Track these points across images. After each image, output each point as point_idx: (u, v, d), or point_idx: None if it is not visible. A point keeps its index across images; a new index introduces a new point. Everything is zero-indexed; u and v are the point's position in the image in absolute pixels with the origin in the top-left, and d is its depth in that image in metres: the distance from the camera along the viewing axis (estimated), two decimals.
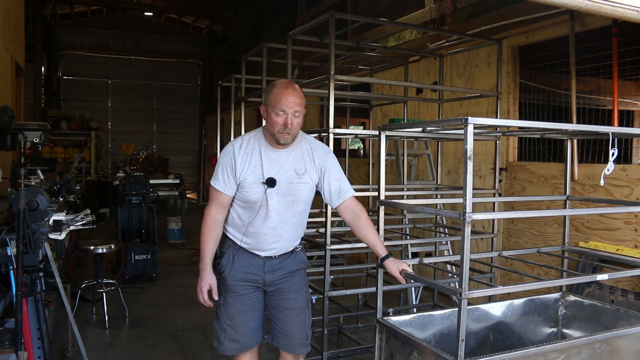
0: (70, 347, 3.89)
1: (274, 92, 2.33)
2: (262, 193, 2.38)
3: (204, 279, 2.46)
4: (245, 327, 2.52)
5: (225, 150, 2.45)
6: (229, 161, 2.40)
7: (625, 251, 3.57)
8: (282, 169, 2.40)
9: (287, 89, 2.33)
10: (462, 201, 1.92)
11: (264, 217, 2.42)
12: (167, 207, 11.12)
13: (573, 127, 2.50)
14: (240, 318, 2.51)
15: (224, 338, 2.54)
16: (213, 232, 2.46)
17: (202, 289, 2.45)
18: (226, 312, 2.52)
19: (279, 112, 2.30)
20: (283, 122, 2.30)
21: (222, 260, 2.54)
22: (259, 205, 2.40)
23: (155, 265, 6.12)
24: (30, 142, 3.61)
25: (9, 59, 5.89)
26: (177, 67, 16.48)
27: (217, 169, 2.44)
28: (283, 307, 2.53)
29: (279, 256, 2.51)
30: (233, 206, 2.49)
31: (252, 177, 2.38)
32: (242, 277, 2.50)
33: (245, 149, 2.41)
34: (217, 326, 2.57)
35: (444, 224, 4.79)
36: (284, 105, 2.29)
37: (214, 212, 2.46)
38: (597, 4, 2.29)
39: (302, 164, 2.44)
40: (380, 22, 6.38)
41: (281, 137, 2.33)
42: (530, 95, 4.92)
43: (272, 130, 2.35)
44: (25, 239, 2.88)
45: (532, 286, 2.43)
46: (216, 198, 2.45)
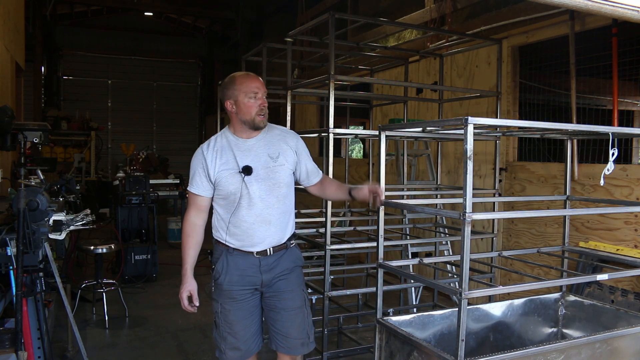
0: (70, 347, 3.89)
1: (238, 81, 2.42)
2: (240, 182, 2.41)
3: (184, 284, 2.49)
4: (246, 334, 2.48)
5: (195, 155, 2.51)
6: (199, 162, 2.46)
7: (625, 251, 3.57)
8: (255, 156, 2.45)
9: (251, 76, 2.46)
10: (462, 201, 1.92)
11: (247, 205, 2.42)
12: (167, 207, 11.11)
13: (573, 127, 2.50)
14: (239, 324, 2.47)
15: (225, 347, 2.49)
16: (192, 238, 2.49)
17: (182, 295, 2.48)
18: (225, 319, 2.48)
19: (251, 96, 2.40)
20: (259, 103, 2.41)
21: (217, 266, 2.51)
22: (239, 195, 2.41)
23: (155, 265, 6.12)
24: (30, 142, 3.61)
25: (9, 59, 5.89)
26: (177, 67, 16.47)
27: (190, 172, 2.49)
28: (281, 308, 2.50)
29: (274, 252, 2.48)
30: (215, 208, 2.51)
31: (226, 170, 2.42)
32: (239, 280, 2.47)
33: (213, 148, 2.46)
34: (217, 335, 2.53)
35: (444, 224, 4.78)
36: (254, 88, 2.40)
37: (192, 216, 2.49)
38: (597, 4, 2.29)
39: (275, 148, 2.49)
40: (380, 22, 6.39)
41: (260, 119, 2.42)
42: (530, 95, 4.92)
43: (247, 117, 2.41)
44: (25, 239, 2.88)
45: (532, 286, 2.43)
46: (193, 202, 2.49)
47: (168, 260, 7.17)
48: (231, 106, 2.44)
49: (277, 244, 2.49)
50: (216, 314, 2.52)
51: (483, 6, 5.17)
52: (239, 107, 2.41)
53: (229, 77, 2.51)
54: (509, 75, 4.74)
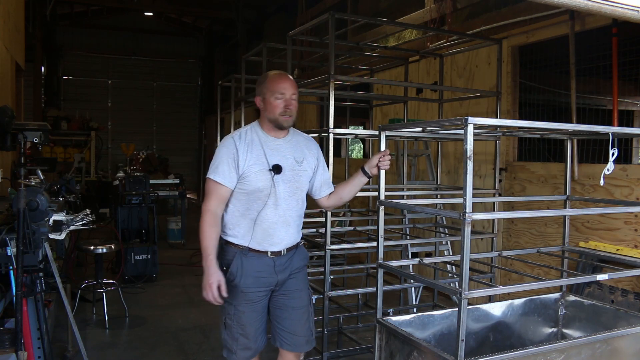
0: (70, 347, 3.89)
1: (269, 79, 2.43)
2: (269, 180, 2.39)
3: (212, 275, 2.34)
4: (257, 333, 2.48)
5: (225, 143, 2.42)
6: (230, 152, 2.38)
7: (625, 251, 3.57)
8: (283, 157, 2.44)
9: (282, 75, 2.45)
10: (462, 201, 1.92)
11: (273, 205, 2.41)
12: (167, 207, 11.11)
13: (573, 127, 2.50)
14: (252, 326, 2.46)
15: (236, 347, 2.46)
16: (214, 228, 2.38)
17: (212, 285, 2.33)
18: (238, 321, 2.44)
19: (278, 96, 2.39)
20: (284, 104, 2.39)
21: (231, 268, 2.43)
22: (267, 193, 2.39)
23: (155, 265, 6.12)
24: (30, 142, 3.60)
25: (9, 59, 5.89)
26: (177, 67, 16.48)
27: (216, 161, 2.39)
28: (290, 307, 2.51)
29: (287, 252, 2.48)
30: (233, 205, 2.43)
31: (256, 165, 2.38)
32: (255, 282, 2.43)
33: (245, 140, 2.41)
34: (228, 336, 2.48)
35: (444, 224, 4.78)
36: (282, 88, 2.39)
37: (214, 207, 2.39)
38: (597, 4, 2.29)
39: (300, 152, 2.51)
40: (380, 22, 6.39)
41: (283, 119, 2.41)
42: (530, 95, 4.92)
43: (272, 116, 2.41)
44: (25, 239, 2.88)
45: (532, 286, 2.43)
46: (216, 192, 2.39)
47: (168, 260, 7.18)
48: (260, 103, 2.45)
49: (291, 245, 2.51)
50: (228, 315, 2.46)
51: (483, 6, 5.17)
52: (266, 104, 2.42)
53: (264, 74, 2.52)
54: (509, 75, 4.74)
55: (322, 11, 7.86)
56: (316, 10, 8.55)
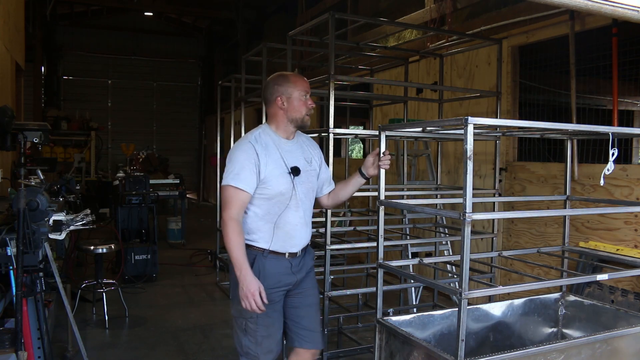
0: (70, 347, 3.89)
1: (293, 80, 2.43)
2: (290, 183, 2.38)
3: (251, 283, 2.26)
4: (278, 334, 2.48)
5: (243, 147, 2.37)
6: (251, 157, 2.33)
7: (625, 251, 3.57)
8: (296, 158, 2.45)
9: (301, 76, 2.50)
10: (462, 201, 1.92)
11: (295, 207, 2.42)
12: (167, 207, 11.12)
13: (573, 127, 2.50)
14: (275, 327, 2.45)
15: (260, 352, 2.41)
16: (241, 236, 2.32)
17: (255, 294, 2.24)
18: (262, 323, 2.40)
19: (304, 97, 2.42)
20: (309, 105, 2.44)
21: (253, 270, 2.36)
22: (288, 197, 2.38)
23: (155, 265, 6.12)
24: (30, 142, 3.60)
25: (9, 59, 5.89)
26: (177, 67, 16.48)
27: (236, 167, 2.32)
28: (307, 305, 2.53)
29: (300, 252, 2.49)
30: (252, 211, 2.39)
31: (277, 169, 2.36)
32: (275, 284, 2.42)
33: (261, 143, 2.38)
34: (249, 342, 2.41)
35: (444, 224, 4.78)
36: (305, 88, 2.43)
37: (236, 214, 2.32)
38: (597, 4, 2.29)
39: (308, 152, 2.54)
40: (380, 22, 6.39)
41: (307, 119, 2.45)
42: (530, 95, 4.92)
43: (298, 115, 2.42)
44: (25, 239, 2.88)
45: (532, 286, 2.43)
46: (238, 199, 2.31)
47: (168, 260, 7.18)
48: (282, 102, 2.40)
49: (305, 245, 2.54)
50: (250, 320, 2.39)
51: (483, 6, 5.17)
52: (291, 103, 2.40)
53: (278, 75, 2.48)
54: (509, 75, 4.74)
55: (322, 11, 7.86)
56: (316, 10, 8.55)
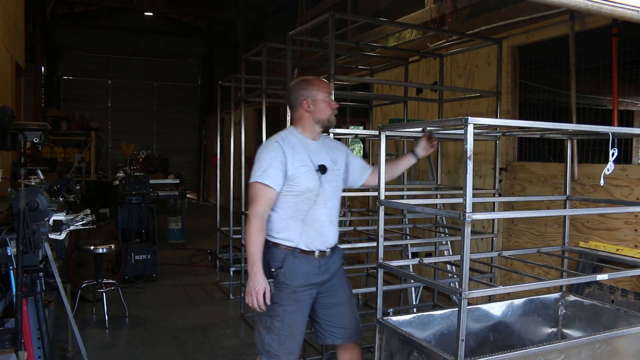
0: (70, 347, 3.89)
1: (316, 84, 2.55)
2: (317, 180, 2.48)
3: (259, 282, 2.33)
4: (301, 336, 2.52)
5: (270, 147, 2.47)
6: (277, 156, 2.42)
7: (625, 251, 3.57)
8: (322, 158, 2.54)
9: (323, 80, 2.65)
10: (462, 201, 1.92)
11: (323, 204, 2.50)
12: (167, 207, 11.12)
13: (573, 127, 2.50)
14: (299, 327, 2.49)
15: (282, 351, 2.45)
16: (262, 233, 2.40)
17: (259, 292, 2.33)
18: (287, 322, 2.44)
19: (328, 97, 2.55)
20: (333, 105, 2.57)
21: (283, 269, 2.43)
22: (316, 193, 2.47)
23: (155, 265, 6.12)
24: (30, 142, 3.60)
25: (9, 59, 5.89)
26: (177, 67, 16.48)
27: (263, 165, 2.41)
28: (337, 304, 2.59)
29: (329, 252, 2.56)
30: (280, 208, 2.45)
31: (304, 167, 2.46)
32: (304, 282, 2.47)
33: (288, 143, 2.48)
34: (272, 340, 2.45)
35: (444, 224, 4.78)
36: (329, 90, 2.59)
37: (262, 211, 2.39)
38: (597, 4, 2.29)
39: (333, 153, 2.63)
40: (380, 22, 6.39)
41: (333, 118, 2.59)
42: (530, 95, 4.92)
43: (325, 116, 2.54)
44: (25, 239, 2.88)
45: (532, 286, 2.43)
46: (265, 195, 2.39)
47: (168, 260, 7.18)
48: (308, 105, 2.52)
49: (334, 244, 2.61)
50: (276, 318, 2.44)
51: (483, 6, 5.17)
52: (316, 105, 2.52)
53: (300, 80, 2.60)
54: (509, 75, 4.74)
55: (322, 11, 7.85)
56: (316, 10, 8.55)
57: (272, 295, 2.39)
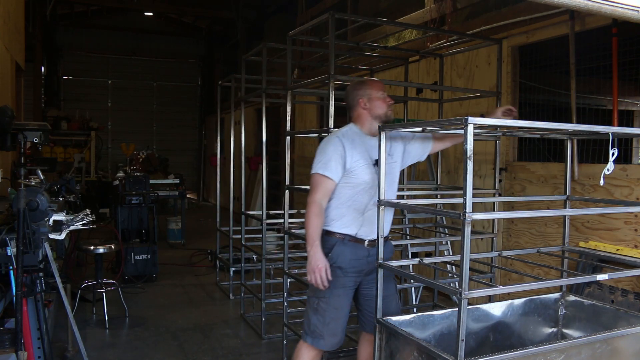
0: (70, 347, 3.89)
1: (369, 84, 2.77)
2: (373, 173, 2.64)
3: (319, 259, 2.57)
4: (345, 321, 2.69)
5: (331, 141, 2.67)
6: (337, 150, 2.62)
7: (625, 251, 3.57)
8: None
9: (375, 79, 2.86)
10: (462, 201, 1.92)
11: (376, 195, 2.57)
12: (167, 207, 11.12)
13: (573, 127, 2.50)
14: (344, 310, 2.67)
15: (326, 332, 2.66)
16: (320, 218, 2.62)
17: (321, 269, 2.55)
18: (333, 304, 2.65)
19: (382, 95, 2.73)
20: (388, 101, 2.75)
21: (332, 253, 2.64)
22: (371, 185, 2.63)
23: (155, 265, 6.12)
24: (30, 142, 3.60)
25: (9, 59, 5.90)
26: (177, 67, 16.48)
27: (324, 158, 2.63)
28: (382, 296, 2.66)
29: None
30: (338, 198, 2.65)
31: (362, 160, 2.63)
32: (350, 269, 2.66)
33: (348, 138, 2.67)
34: (318, 321, 2.67)
35: (444, 224, 4.78)
36: (382, 89, 2.76)
37: (320, 198, 2.62)
38: (597, 4, 2.28)
39: (389, 145, 2.73)
40: (380, 22, 6.39)
41: (390, 112, 2.75)
42: (530, 95, 4.91)
43: (381, 111, 2.71)
44: (25, 239, 2.88)
45: (532, 286, 2.43)
46: (324, 185, 2.62)
47: (168, 260, 7.18)
48: (364, 103, 2.72)
49: (385, 235, 2.65)
50: (321, 299, 2.66)
51: (483, 6, 5.17)
52: (372, 103, 2.71)
53: (355, 82, 2.86)
54: (509, 75, 4.74)
55: (322, 11, 7.85)
56: (316, 10, 8.55)
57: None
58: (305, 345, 2.75)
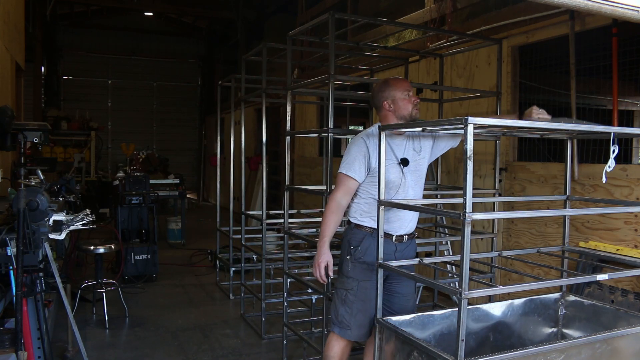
0: (70, 347, 3.89)
1: (393, 84, 2.75)
2: (399, 172, 2.69)
3: (322, 255, 2.66)
4: (372, 314, 2.65)
5: (356, 142, 2.72)
6: (361, 150, 2.68)
7: (625, 251, 3.57)
8: (406, 150, 2.74)
9: (400, 78, 2.86)
10: (462, 201, 1.92)
11: (403, 193, 2.70)
12: (167, 207, 11.12)
13: (573, 127, 2.50)
14: (371, 303, 2.65)
15: (353, 323, 2.70)
16: (335, 215, 2.69)
17: (321, 265, 2.66)
18: (360, 296, 2.69)
19: (407, 95, 2.73)
20: (414, 99, 2.75)
21: (360, 246, 2.70)
22: (398, 184, 2.68)
23: (155, 265, 6.12)
24: (30, 142, 3.60)
25: (9, 59, 5.90)
26: (177, 67, 16.48)
27: (348, 158, 2.70)
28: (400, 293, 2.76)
29: (407, 239, 2.74)
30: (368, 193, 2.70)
31: (387, 160, 2.61)
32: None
33: (372, 139, 2.69)
34: (345, 312, 2.71)
35: (444, 224, 4.78)
36: (407, 88, 2.76)
37: (339, 197, 2.70)
38: (597, 4, 2.28)
39: (418, 142, 2.80)
40: (380, 22, 6.38)
41: (416, 112, 2.76)
42: (530, 95, 4.91)
43: (406, 112, 2.72)
44: (25, 239, 2.88)
45: (532, 286, 2.43)
46: (345, 184, 2.70)
47: (168, 260, 7.18)
48: (389, 105, 2.74)
49: (412, 232, 2.78)
50: (349, 291, 2.71)
51: (483, 6, 5.17)
52: (396, 104, 2.72)
53: (380, 83, 2.84)
54: (509, 75, 4.73)
55: (322, 11, 7.86)
56: (316, 10, 8.55)
57: (349, 270, 2.70)
58: (335, 335, 2.80)
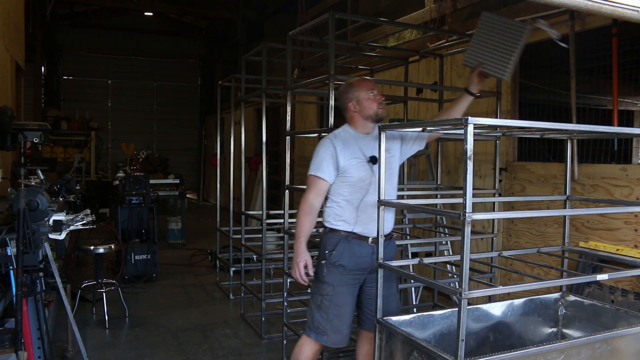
0: (70, 347, 3.89)
1: (356, 85, 2.78)
2: (368, 170, 2.68)
3: (300, 255, 2.66)
4: (349, 319, 2.73)
5: (324, 144, 2.74)
6: (328, 151, 2.69)
7: (625, 251, 3.57)
8: (374, 148, 2.70)
9: (363, 78, 2.89)
10: (462, 201, 1.92)
11: (374, 191, 2.64)
12: (167, 207, 11.11)
13: (573, 127, 2.50)
14: (347, 308, 2.70)
15: (329, 329, 2.71)
16: (309, 216, 2.70)
17: (299, 264, 2.65)
18: (336, 302, 2.69)
19: (371, 95, 2.73)
20: (378, 99, 2.75)
21: (335, 251, 2.69)
22: (368, 182, 2.68)
23: (155, 265, 6.12)
24: (30, 142, 3.60)
25: (9, 59, 5.89)
26: (177, 67, 16.47)
27: (316, 159, 2.71)
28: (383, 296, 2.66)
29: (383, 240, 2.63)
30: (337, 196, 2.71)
31: (355, 159, 2.68)
32: (354, 267, 2.69)
33: (339, 139, 2.72)
34: (321, 317, 2.71)
35: (444, 224, 4.78)
36: (371, 88, 2.76)
37: (311, 198, 2.71)
38: (597, 4, 2.28)
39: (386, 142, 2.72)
40: (380, 22, 6.39)
41: (381, 112, 2.76)
42: (530, 95, 4.91)
43: (371, 112, 2.73)
44: (25, 239, 2.88)
45: (532, 286, 2.43)
46: (316, 186, 2.70)
47: (168, 260, 7.18)
48: (354, 106, 2.75)
49: (388, 232, 2.74)
50: (324, 297, 2.70)
51: (483, 6, 5.16)
52: (361, 104, 2.73)
53: (344, 85, 2.87)
54: None
55: (322, 11, 7.86)
56: (316, 10, 8.55)
57: (324, 275, 2.68)
58: (308, 339, 2.79)
